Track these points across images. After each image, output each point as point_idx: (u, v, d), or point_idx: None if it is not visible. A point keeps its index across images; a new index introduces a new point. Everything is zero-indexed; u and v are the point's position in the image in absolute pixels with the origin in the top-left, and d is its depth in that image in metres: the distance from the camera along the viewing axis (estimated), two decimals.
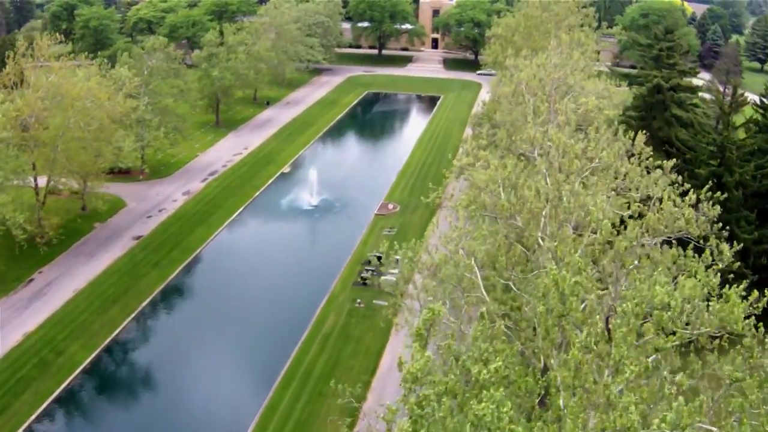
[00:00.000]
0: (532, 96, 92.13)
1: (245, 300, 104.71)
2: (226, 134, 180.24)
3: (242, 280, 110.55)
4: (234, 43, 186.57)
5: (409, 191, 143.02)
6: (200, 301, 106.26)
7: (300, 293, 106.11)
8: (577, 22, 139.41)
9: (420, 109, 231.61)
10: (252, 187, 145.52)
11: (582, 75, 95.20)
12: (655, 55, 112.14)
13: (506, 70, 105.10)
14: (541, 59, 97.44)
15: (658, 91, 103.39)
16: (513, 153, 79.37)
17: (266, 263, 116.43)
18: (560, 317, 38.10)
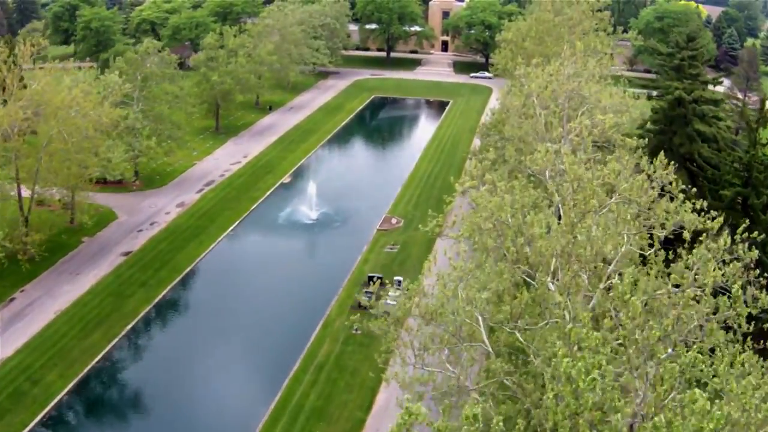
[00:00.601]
0: (543, 108, 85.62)
1: (235, 324, 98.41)
2: (225, 141, 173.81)
3: (232, 302, 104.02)
4: (234, 47, 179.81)
5: (414, 204, 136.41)
6: (185, 326, 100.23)
7: (294, 317, 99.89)
8: (592, 27, 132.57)
9: (428, 115, 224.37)
10: (249, 199, 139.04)
11: (597, 86, 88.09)
12: (676, 64, 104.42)
13: (516, 79, 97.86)
14: (554, 67, 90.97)
15: (680, 104, 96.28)
16: (522, 173, 72.74)
17: (258, 284, 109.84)
18: (574, 415, 31.16)
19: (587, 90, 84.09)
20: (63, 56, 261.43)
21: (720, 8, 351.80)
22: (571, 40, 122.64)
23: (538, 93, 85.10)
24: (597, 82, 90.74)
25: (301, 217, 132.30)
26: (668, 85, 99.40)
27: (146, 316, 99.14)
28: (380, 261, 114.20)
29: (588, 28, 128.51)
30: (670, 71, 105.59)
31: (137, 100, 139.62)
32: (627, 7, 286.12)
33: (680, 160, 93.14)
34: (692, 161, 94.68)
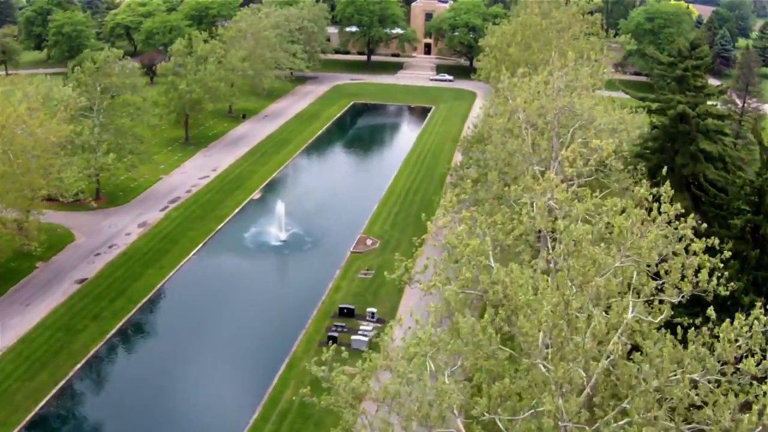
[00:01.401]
0: (530, 125, 76.53)
1: (192, 364, 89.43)
2: (194, 153, 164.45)
3: (189, 338, 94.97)
4: (204, 53, 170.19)
5: (391, 223, 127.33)
6: (137, 365, 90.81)
7: (257, 355, 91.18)
8: (582, 31, 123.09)
9: (409, 123, 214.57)
10: (215, 218, 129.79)
11: (591, 100, 78.58)
12: (678, 75, 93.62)
13: (500, 92, 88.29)
14: (542, 77, 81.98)
15: (682, 120, 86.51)
16: (506, 204, 63.61)
17: (219, 316, 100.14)
18: None
19: (580, 105, 74.67)
20: (36, 62, 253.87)
21: (709, 7, 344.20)
22: (559, 45, 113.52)
23: (524, 108, 75.96)
24: (590, 94, 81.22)
25: (270, 239, 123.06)
26: (669, 98, 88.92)
27: (97, 354, 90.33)
28: (353, 288, 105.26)
29: (578, 32, 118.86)
30: (672, 82, 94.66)
31: (97, 113, 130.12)
32: (616, 8, 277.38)
33: (683, 182, 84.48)
34: (696, 183, 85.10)
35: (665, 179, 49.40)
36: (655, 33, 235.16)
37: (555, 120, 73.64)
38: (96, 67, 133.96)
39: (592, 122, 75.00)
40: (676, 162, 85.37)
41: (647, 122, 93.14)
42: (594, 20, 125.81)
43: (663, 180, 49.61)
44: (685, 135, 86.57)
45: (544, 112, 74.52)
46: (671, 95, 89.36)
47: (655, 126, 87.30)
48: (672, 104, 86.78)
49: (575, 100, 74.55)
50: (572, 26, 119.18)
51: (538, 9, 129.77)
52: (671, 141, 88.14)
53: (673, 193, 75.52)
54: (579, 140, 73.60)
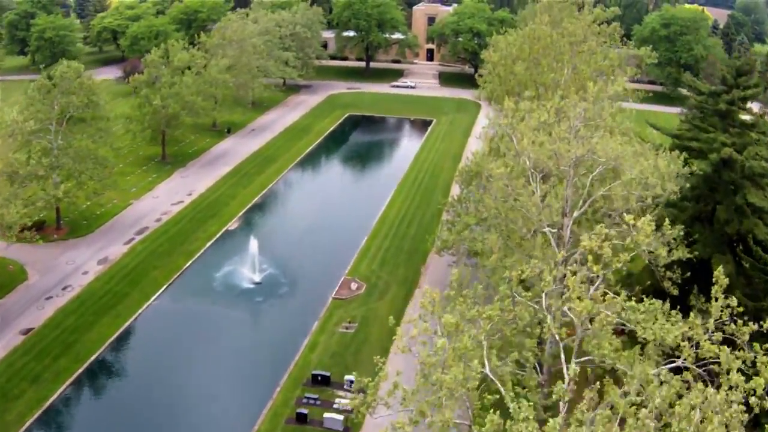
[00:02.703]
0: (538, 173, 62.19)
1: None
2: (171, 173, 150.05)
3: (138, 409, 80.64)
4: (181, 64, 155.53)
5: (380, 261, 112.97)
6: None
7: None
8: (599, 44, 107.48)
9: (407, 138, 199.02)
10: (184, 253, 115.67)
11: (617, 143, 63.43)
12: (723, 110, 75.55)
13: (502, 129, 73.30)
14: (553, 102, 67.82)
15: (726, 165, 70.79)
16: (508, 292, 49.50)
17: (175, 382, 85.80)
18: None
19: (603, 151, 59.56)
20: (20, 67, 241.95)
21: (720, 10, 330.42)
22: (573, 62, 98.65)
23: (532, 152, 61.54)
24: (620, 133, 66.48)
25: (242, 281, 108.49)
26: (711, 138, 71.85)
27: (30, 429, 76.79)
28: (331, 347, 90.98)
29: (595, 46, 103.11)
30: (712, 116, 77.24)
31: (55, 135, 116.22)
32: (628, 12, 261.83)
33: (725, 241, 69.68)
34: (742, 243, 69.95)
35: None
36: (671, 40, 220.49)
37: (571, 169, 59.00)
38: (52, 84, 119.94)
39: (619, 171, 60.36)
40: (718, 216, 69.83)
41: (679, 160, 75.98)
42: (612, 31, 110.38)
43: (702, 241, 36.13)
44: (729, 185, 70.85)
45: (557, 157, 59.92)
46: (713, 133, 72.56)
47: (691, 175, 69.60)
48: (715, 146, 70.09)
49: (597, 144, 59.60)
50: (587, 39, 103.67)
51: (548, 17, 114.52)
52: (712, 190, 72.45)
53: (713, 254, 61.16)
54: (601, 192, 59.40)
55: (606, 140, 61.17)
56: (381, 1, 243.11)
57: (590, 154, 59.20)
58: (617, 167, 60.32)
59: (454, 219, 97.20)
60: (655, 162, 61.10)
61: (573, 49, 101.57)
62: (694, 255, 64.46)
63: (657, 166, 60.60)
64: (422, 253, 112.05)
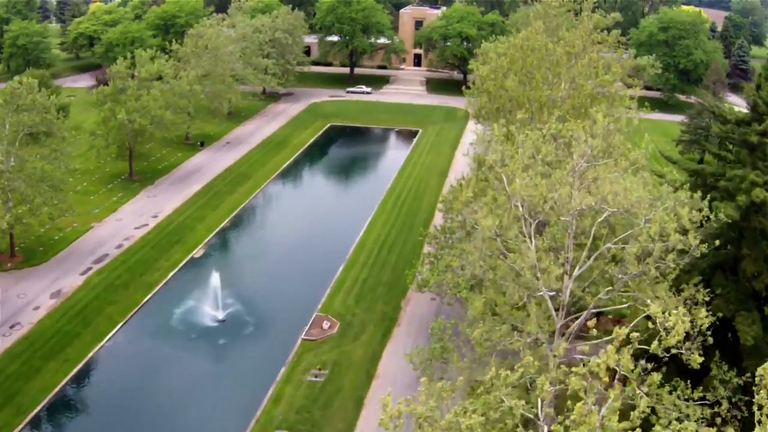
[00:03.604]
0: (532, 220, 52.26)
1: None
2: (137, 192, 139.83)
3: None
4: (149, 75, 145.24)
5: (356, 296, 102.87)
6: None
7: None
8: (600, 53, 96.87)
9: (391, 151, 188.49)
10: (143, 286, 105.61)
11: (632, 184, 53.03)
12: (754, 142, 62.30)
13: (490, 165, 62.82)
14: (552, 125, 58.05)
15: (755, 208, 59.73)
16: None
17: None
18: None
19: (614, 200, 49.20)
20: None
21: (716, 11, 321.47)
22: (572, 76, 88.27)
23: (526, 197, 51.57)
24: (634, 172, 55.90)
25: (204, 318, 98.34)
26: (739, 176, 60.24)
27: None
28: (298, 399, 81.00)
29: (596, 59, 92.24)
30: (740, 149, 64.44)
31: (6, 156, 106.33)
32: (624, 15, 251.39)
33: (751, 297, 59.56)
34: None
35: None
36: (670, 45, 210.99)
37: (573, 220, 48.94)
38: (3, 100, 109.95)
39: (633, 222, 50.21)
40: (744, 268, 59.20)
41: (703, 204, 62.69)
42: (613, 39, 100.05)
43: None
44: (759, 231, 59.91)
45: (557, 206, 49.87)
46: (740, 170, 60.73)
47: (709, 222, 57.04)
48: (743, 186, 58.49)
49: (606, 190, 49.25)
50: (587, 50, 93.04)
51: (543, 25, 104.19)
52: (737, 236, 61.63)
53: (737, 312, 52.17)
54: (610, 245, 49.43)
55: (617, 183, 50.74)
56: (366, 4, 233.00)
57: (599, 203, 49.21)
58: (630, 216, 50.30)
59: (437, 252, 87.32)
60: (674, 208, 50.46)
61: (571, 61, 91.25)
62: (716, 317, 54.40)
63: (677, 213, 50.04)
64: (403, 285, 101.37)
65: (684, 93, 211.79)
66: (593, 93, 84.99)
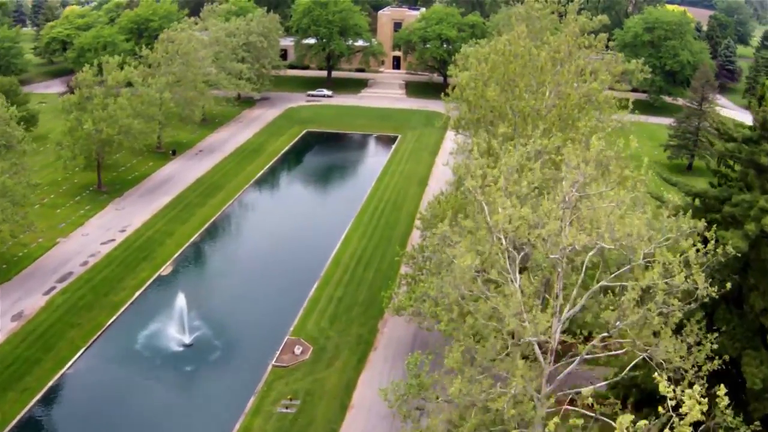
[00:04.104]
0: (517, 252, 47.00)
1: None
2: (105, 205, 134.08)
3: None
4: (116, 83, 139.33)
5: (330, 316, 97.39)
6: None
7: None
8: (588, 60, 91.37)
9: (368, 158, 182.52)
10: (108, 306, 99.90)
11: (627, 206, 47.65)
12: (765, 164, 55.38)
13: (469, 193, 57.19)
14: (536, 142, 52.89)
15: (764, 238, 53.72)
16: None
17: None
18: None
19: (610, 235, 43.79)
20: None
21: (699, 10, 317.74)
22: (557, 83, 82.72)
23: (510, 231, 46.24)
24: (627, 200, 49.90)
25: (170, 342, 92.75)
26: (746, 201, 53.17)
27: None
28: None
29: (583, 64, 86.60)
30: (747, 170, 57.72)
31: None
32: (607, 15, 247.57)
33: (757, 334, 54.16)
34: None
35: None
36: (656, 45, 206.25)
37: (564, 259, 43.58)
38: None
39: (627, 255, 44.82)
40: (751, 303, 53.43)
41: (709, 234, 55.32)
42: (599, 42, 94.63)
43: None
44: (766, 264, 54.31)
45: (545, 245, 44.50)
46: (748, 195, 54.23)
47: (724, 253, 50.10)
48: (752, 213, 52.04)
49: (601, 222, 43.78)
50: (573, 56, 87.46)
51: (526, 28, 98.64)
52: (743, 268, 55.92)
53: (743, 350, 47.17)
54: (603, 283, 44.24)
55: (613, 215, 45.26)
56: (343, 6, 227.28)
57: (593, 240, 43.87)
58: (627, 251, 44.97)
59: (414, 274, 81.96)
60: (677, 240, 44.91)
61: (557, 67, 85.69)
62: (721, 360, 49.18)
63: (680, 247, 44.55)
64: (380, 305, 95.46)
65: (670, 95, 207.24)
66: (581, 102, 79.57)
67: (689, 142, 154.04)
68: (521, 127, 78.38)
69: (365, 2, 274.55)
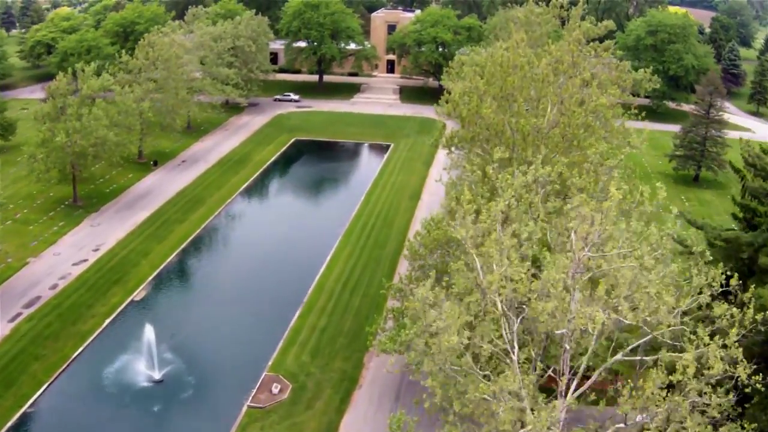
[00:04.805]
0: (515, 317, 40.00)
1: None
2: (80, 220, 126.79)
3: None
4: (92, 91, 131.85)
5: (312, 350, 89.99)
6: None
7: None
8: (595, 72, 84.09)
9: (358, 169, 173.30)
10: (75, 335, 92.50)
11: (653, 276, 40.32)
12: None
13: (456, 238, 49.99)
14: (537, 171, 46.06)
15: None
16: None
17: None
18: None
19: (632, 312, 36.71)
20: None
21: (701, 11, 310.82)
22: (560, 98, 75.16)
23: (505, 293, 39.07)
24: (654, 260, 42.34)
25: (139, 378, 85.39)
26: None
27: None
28: None
29: (589, 78, 78.98)
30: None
31: None
32: (607, 17, 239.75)
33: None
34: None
35: None
36: (659, 49, 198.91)
37: (572, 337, 36.37)
38: None
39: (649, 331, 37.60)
40: None
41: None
42: (607, 54, 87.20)
43: None
44: None
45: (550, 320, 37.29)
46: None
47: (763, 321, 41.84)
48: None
49: (620, 292, 36.49)
50: (578, 66, 79.84)
51: (525, 35, 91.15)
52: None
53: None
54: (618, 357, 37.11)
55: (635, 283, 37.81)
56: (335, 8, 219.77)
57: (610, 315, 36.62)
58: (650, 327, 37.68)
59: (402, 308, 74.52)
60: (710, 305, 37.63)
61: (559, 79, 78.11)
62: None
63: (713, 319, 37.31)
64: (366, 337, 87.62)
65: (674, 100, 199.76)
66: (587, 121, 71.96)
67: (696, 153, 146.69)
68: (520, 147, 71.05)
69: (360, 3, 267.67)
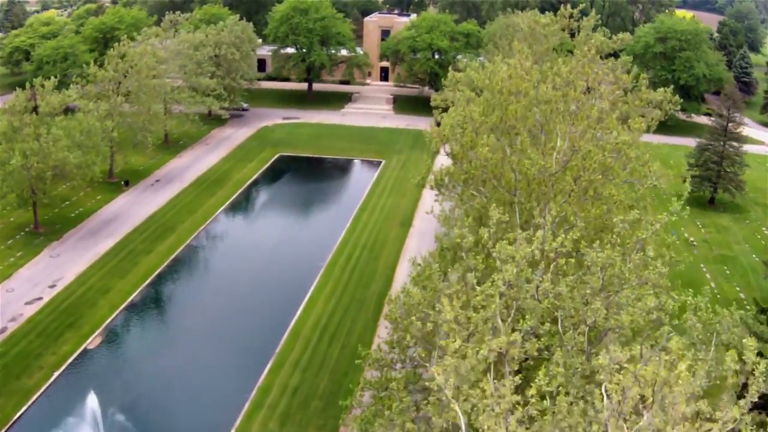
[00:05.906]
0: None
1: None
2: (40, 250, 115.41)
3: None
4: (53, 108, 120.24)
5: (281, 417, 78.22)
6: None
7: None
8: (615, 102, 72.78)
9: (345, 191, 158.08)
10: (17, 393, 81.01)
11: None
12: None
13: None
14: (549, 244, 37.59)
15: None
16: None
17: None
18: None
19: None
20: None
21: (705, 14, 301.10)
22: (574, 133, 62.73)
23: None
24: None
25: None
26: None
27: None
28: None
29: (608, 110, 67.16)
30: None
31: None
32: (611, 23, 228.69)
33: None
34: None
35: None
36: (669, 57, 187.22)
37: None
38: None
39: None
40: None
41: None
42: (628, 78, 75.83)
43: None
44: None
45: None
46: None
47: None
48: None
49: None
50: (594, 93, 68.28)
51: (528, 50, 79.94)
52: None
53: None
54: None
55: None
56: (325, 13, 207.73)
57: None
58: None
59: (381, 381, 62.37)
60: None
61: (570, 108, 66.09)
62: None
63: None
64: (345, 394, 75.07)
65: (684, 111, 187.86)
66: (606, 162, 59.70)
67: (712, 173, 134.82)
68: (524, 194, 59.26)
69: (354, 6, 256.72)
